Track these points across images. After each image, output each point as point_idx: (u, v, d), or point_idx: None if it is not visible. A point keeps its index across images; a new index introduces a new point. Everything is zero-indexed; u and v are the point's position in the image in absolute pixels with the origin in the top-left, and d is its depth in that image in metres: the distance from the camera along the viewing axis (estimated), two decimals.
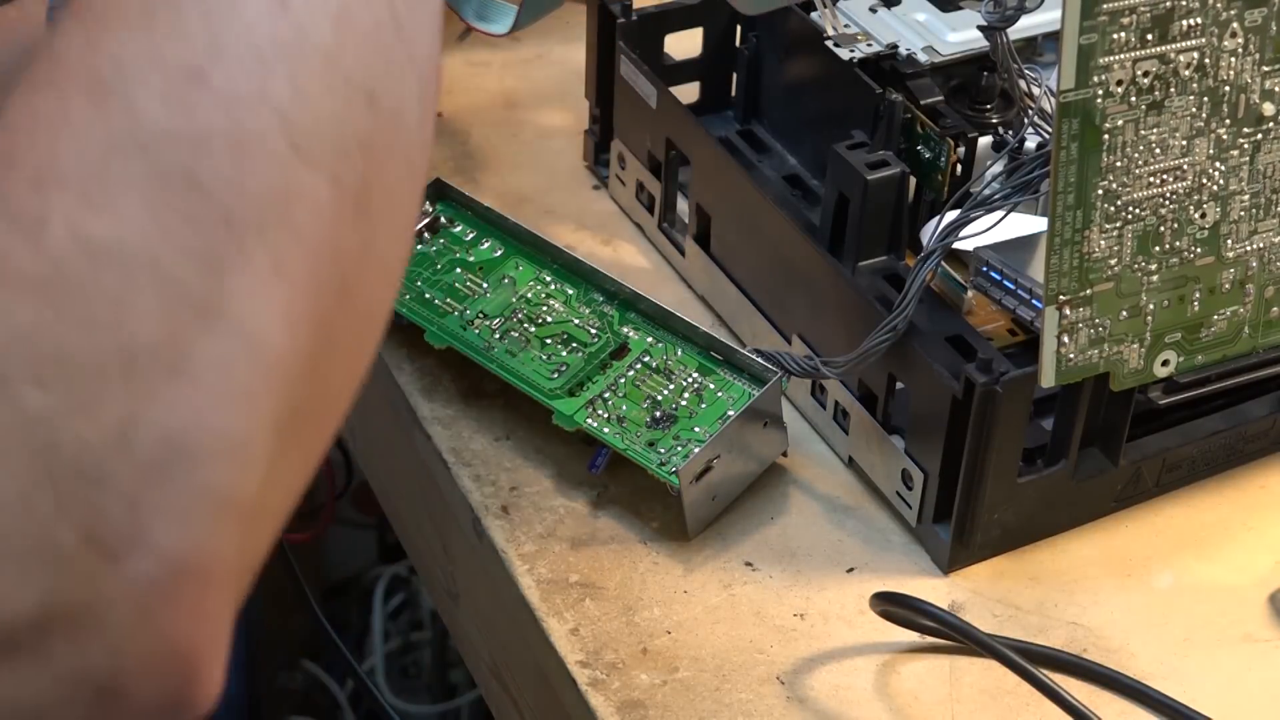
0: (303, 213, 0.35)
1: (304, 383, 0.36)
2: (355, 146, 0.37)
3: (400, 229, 0.40)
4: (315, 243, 0.36)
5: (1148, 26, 0.51)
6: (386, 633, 1.24)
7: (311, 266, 0.36)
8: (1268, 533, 0.60)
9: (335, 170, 0.36)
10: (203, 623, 0.34)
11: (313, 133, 0.36)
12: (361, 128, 0.37)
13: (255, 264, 0.34)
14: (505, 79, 0.80)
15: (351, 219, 0.37)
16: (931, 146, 0.63)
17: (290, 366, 0.35)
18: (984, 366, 0.54)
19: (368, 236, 0.38)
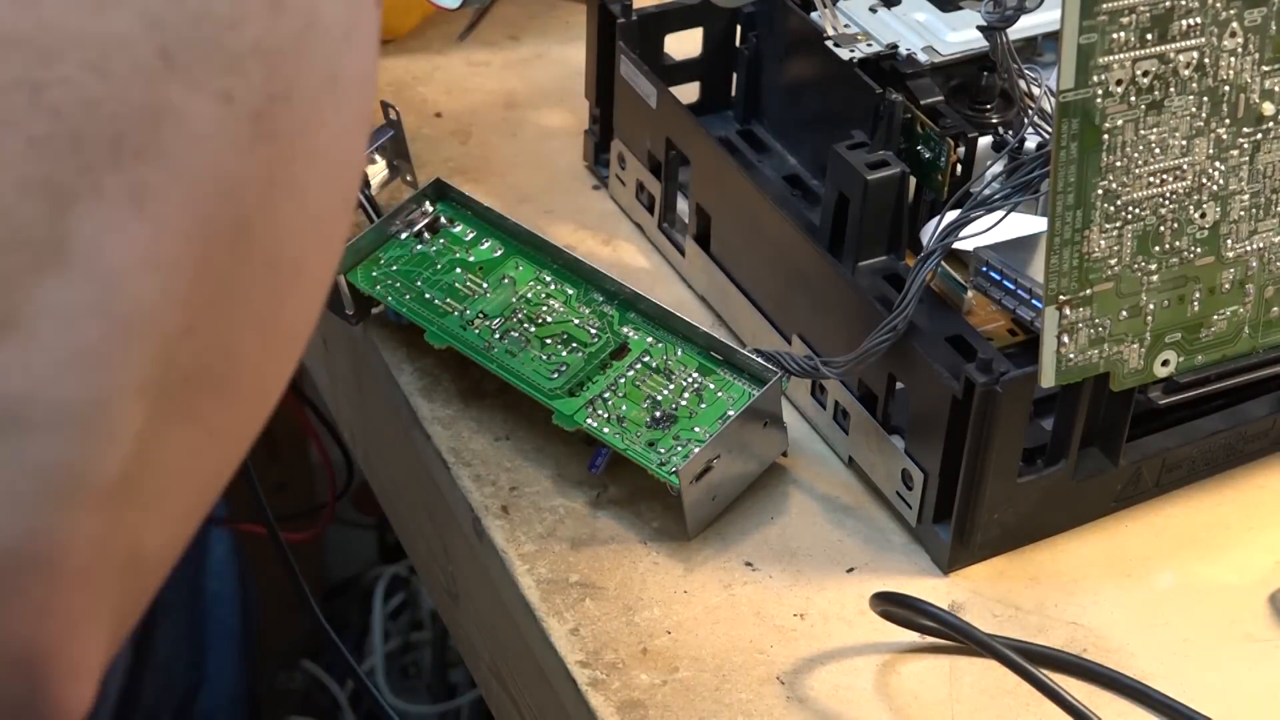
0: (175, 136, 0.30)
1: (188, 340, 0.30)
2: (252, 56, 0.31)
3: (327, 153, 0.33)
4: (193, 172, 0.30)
5: (1147, 26, 0.51)
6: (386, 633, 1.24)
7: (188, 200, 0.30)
8: (1268, 533, 0.60)
9: (222, 85, 0.30)
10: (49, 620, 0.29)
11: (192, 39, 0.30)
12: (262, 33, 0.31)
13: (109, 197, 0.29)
14: (505, 79, 0.80)
15: (249, 143, 0.31)
16: (931, 146, 0.63)
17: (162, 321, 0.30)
18: (984, 366, 0.54)
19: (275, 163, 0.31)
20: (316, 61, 0.32)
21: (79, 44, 0.29)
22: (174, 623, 0.95)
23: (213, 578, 0.99)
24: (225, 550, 0.99)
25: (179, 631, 0.96)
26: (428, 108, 0.78)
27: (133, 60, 0.29)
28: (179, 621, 0.96)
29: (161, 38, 0.29)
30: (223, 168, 0.30)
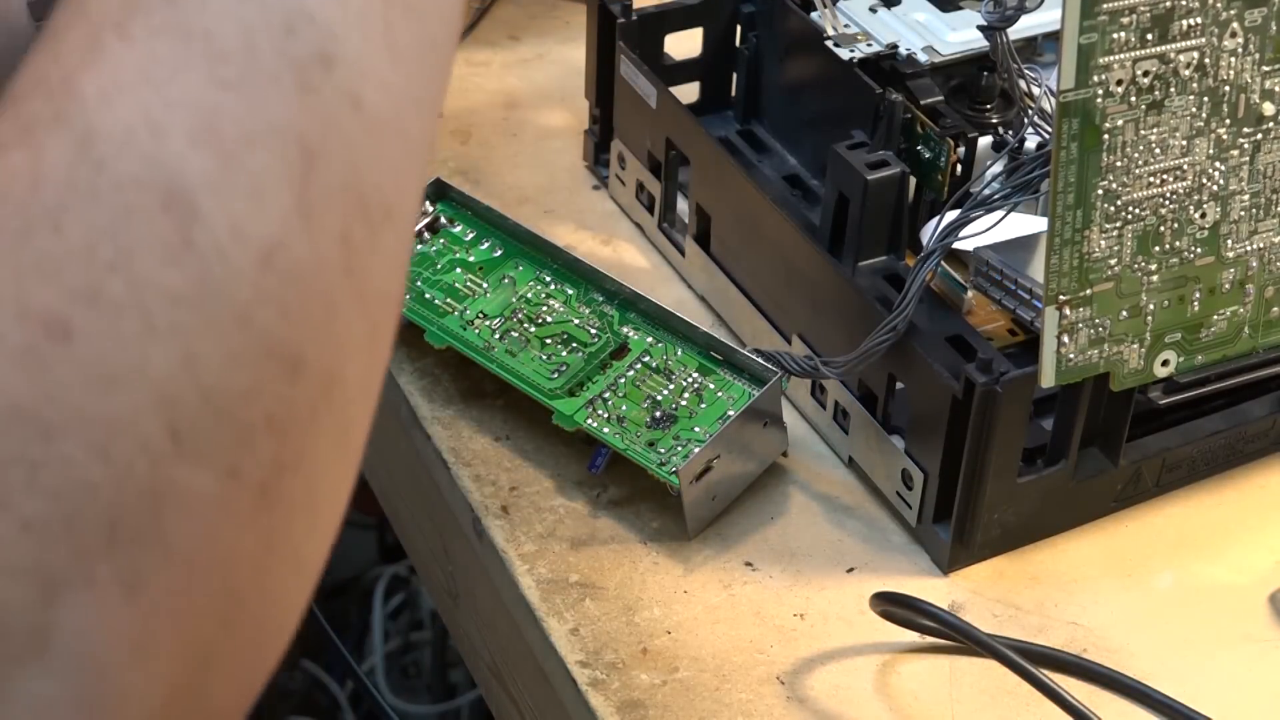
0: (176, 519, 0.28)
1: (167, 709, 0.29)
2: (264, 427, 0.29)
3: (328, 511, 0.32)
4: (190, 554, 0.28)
5: (1148, 26, 0.51)
6: (386, 633, 1.24)
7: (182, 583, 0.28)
8: (1268, 533, 0.60)
9: (231, 461, 0.29)
10: None
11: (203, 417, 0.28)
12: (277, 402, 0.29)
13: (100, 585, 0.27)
14: (505, 79, 0.80)
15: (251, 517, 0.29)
16: (931, 146, 0.63)
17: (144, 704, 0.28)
18: (984, 366, 0.54)
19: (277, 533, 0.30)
20: (330, 424, 0.31)
21: (84, 423, 0.27)
22: None
23: None
24: None
25: None
26: None
27: (138, 441, 0.28)
28: None
29: (171, 416, 0.28)
30: (221, 544, 0.29)
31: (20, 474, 0.27)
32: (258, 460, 0.29)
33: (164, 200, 0.28)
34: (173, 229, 0.28)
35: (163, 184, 0.28)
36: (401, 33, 0.32)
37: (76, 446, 0.27)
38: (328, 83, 0.30)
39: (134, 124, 0.28)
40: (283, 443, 0.29)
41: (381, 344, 0.32)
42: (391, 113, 0.31)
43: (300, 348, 0.30)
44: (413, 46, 0.32)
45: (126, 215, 0.28)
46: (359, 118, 0.30)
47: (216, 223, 0.28)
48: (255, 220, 0.29)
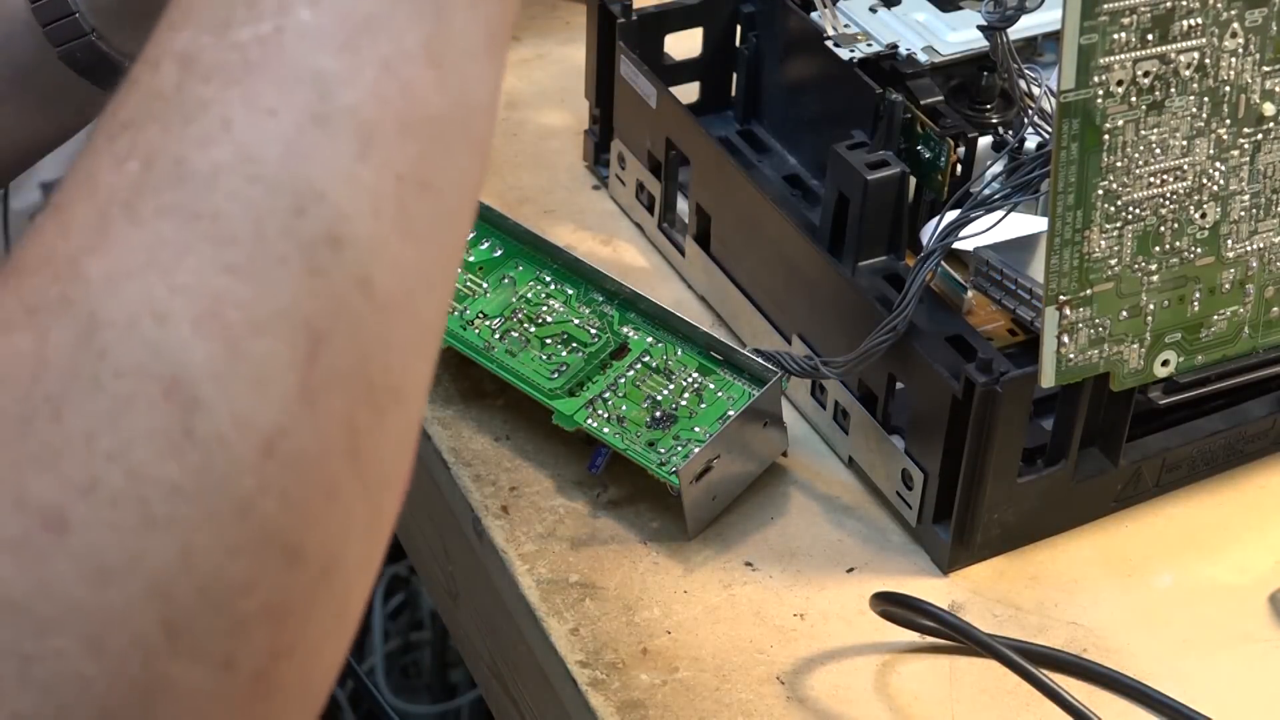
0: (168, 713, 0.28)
1: None
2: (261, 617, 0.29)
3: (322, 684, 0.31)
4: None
5: (1148, 27, 0.51)
6: (386, 633, 1.24)
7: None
8: (1268, 533, 0.60)
9: (226, 652, 0.28)
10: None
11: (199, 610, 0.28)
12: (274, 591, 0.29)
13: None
14: (505, 79, 0.80)
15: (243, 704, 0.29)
16: (931, 146, 0.63)
17: None
18: (984, 366, 0.54)
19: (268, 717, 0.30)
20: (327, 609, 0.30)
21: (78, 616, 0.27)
22: None
23: None
24: None
25: None
26: None
27: (132, 636, 0.27)
28: None
29: (165, 610, 0.28)
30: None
31: (12, 667, 0.27)
32: (253, 650, 0.29)
33: (166, 390, 0.28)
34: (174, 419, 0.28)
35: (165, 373, 0.28)
36: (415, 210, 0.31)
37: (70, 640, 0.27)
38: (337, 265, 0.29)
39: (138, 311, 0.28)
40: (279, 631, 0.29)
41: (383, 527, 0.32)
42: (402, 294, 0.31)
43: (300, 536, 0.29)
44: (426, 224, 0.31)
45: (128, 405, 0.28)
46: (368, 300, 0.30)
47: (219, 412, 0.28)
48: (258, 408, 0.28)
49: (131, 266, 0.28)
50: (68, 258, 0.29)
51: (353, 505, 0.30)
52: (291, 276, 0.29)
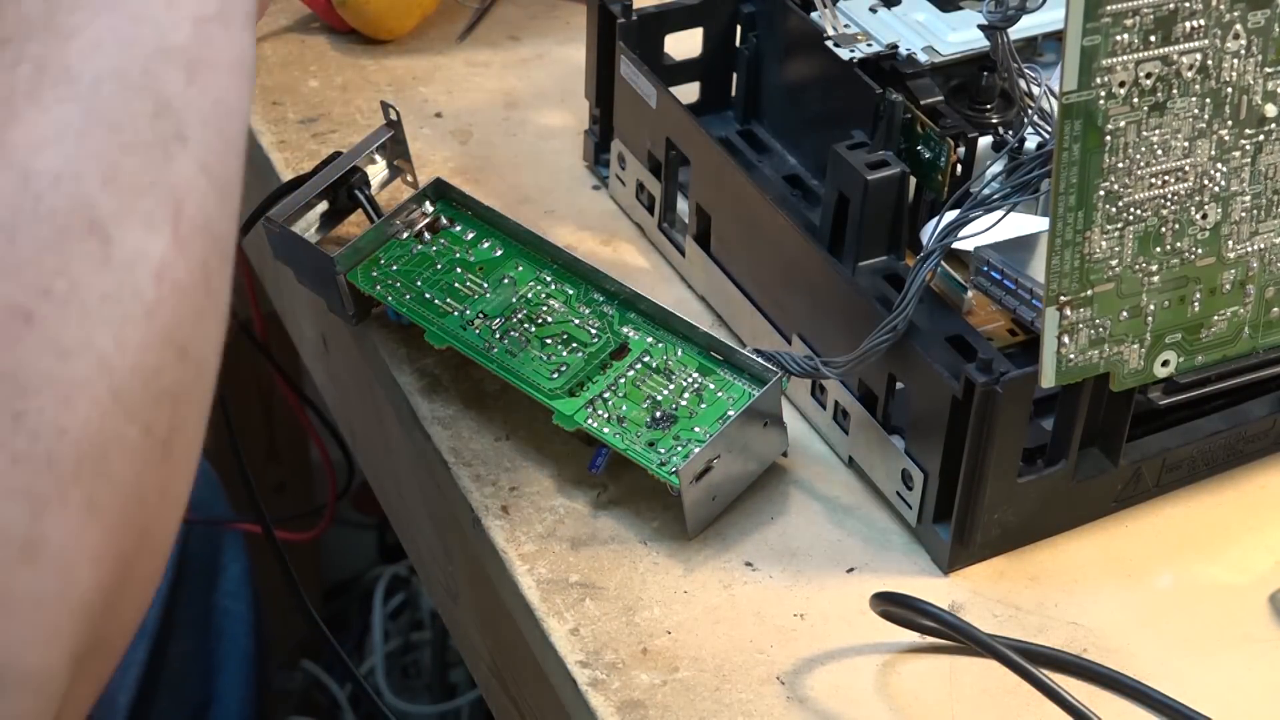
0: (117, 459, 0.37)
1: (102, 619, 0.37)
2: (166, 397, 0.38)
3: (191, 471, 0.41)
4: (126, 487, 0.37)
5: (1150, 28, 0.51)
6: (386, 633, 1.24)
7: (121, 510, 0.37)
8: (1268, 533, 0.60)
9: (148, 419, 0.38)
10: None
11: (131, 383, 0.37)
12: (172, 379, 0.39)
13: (72, 506, 0.36)
14: (505, 79, 0.80)
15: (157, 464, 0.38)
16: (931, 146, 0.63)
17: (93, 604, 0.37)
18: (984, 366, 0.54)
19: (168, 480, 0.39)
20: (201, 400, 0.40)
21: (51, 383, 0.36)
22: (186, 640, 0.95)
23: (225, 595, 0.99)
24: (240, 568, 1.00)
25: (191, 649, 0.96)
26: (428, 108, 0.78)
27: (91, 398, 0.36)
28: (191, 639, 0.96)
29: (110, 382, 0.37)
30: (142, 484, 0.38)
31: (7, 421, 0.35)
32: (162, 420, 0.38)
33: (88, 225, 0.37)
34: (97, 246, 0.37)
35: (86, 214, 0.37)
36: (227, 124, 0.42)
37: (48, 400, 0.36)
38: (183, 154, 0.40)
39: (59, 169, 0.37)
40: (175, 409, 0.39)
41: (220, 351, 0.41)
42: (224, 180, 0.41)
43: (185, 339, 0.39)
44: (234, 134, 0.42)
45: (63, 234, 0.37)
46: (207, 181, 0.40)
47: (126, 244, 0.38)
48: (149, 246, 0.38)
49: (48, 138, 0.38)
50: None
51: (211, 324, 0.40)
52: (158, 158, 0.39)
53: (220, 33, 0.42)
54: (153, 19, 0.40)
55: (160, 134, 0.39)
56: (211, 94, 0.41)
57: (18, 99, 0.38)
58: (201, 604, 0.98)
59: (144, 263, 0.38)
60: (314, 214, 0.66)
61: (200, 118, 0.41)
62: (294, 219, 0.65)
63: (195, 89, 0.41)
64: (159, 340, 0.38)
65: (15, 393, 0.35)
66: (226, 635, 0.99)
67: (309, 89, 0.78)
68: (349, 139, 0.73)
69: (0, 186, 0.37)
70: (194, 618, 0.97)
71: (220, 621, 0.99)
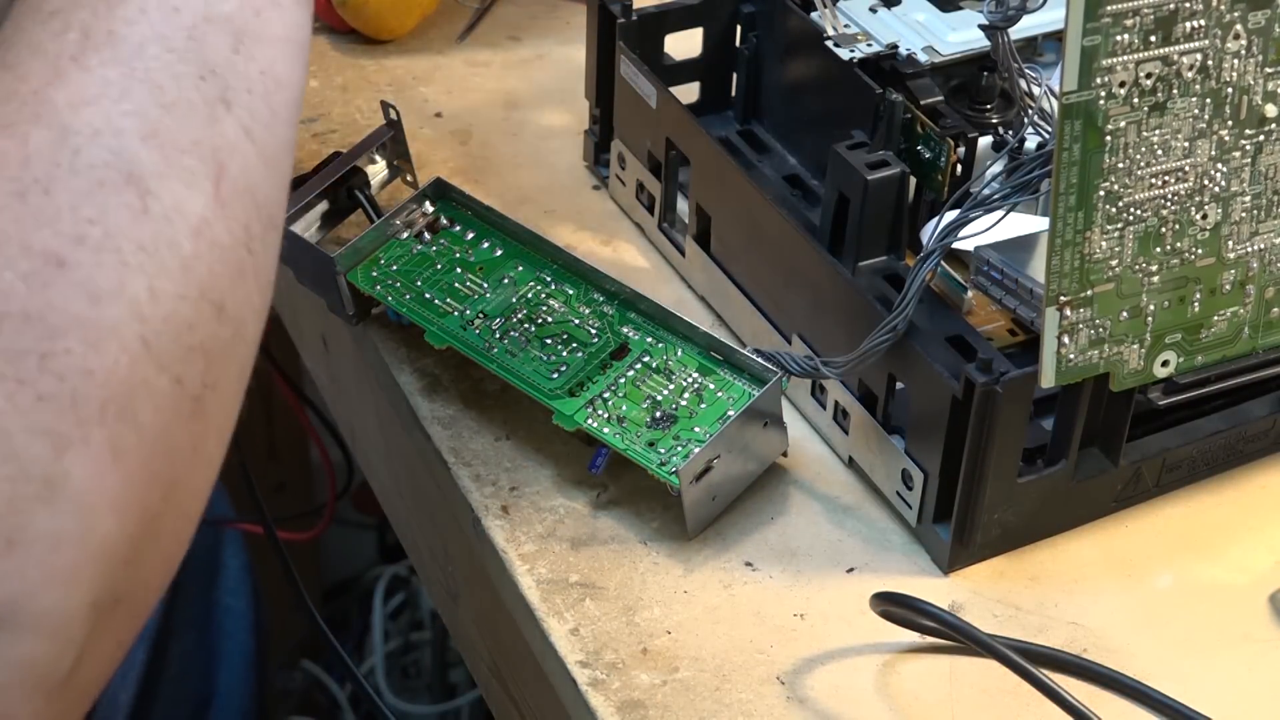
0: (145, 406, 0.37)
1: (124, 569, 0.37)
2: (200, 352, 0.39)
3: (226, 432, 0.41)
4: (152, 436, 0.37)
5: (1151, 28, 0.51)
6: (386, 633, 1.24)
7: (146, 459, 0.37)
8: (1268, 533, 0.60)
9: (179, 371, 0.38)
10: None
11: (163, 333, 0.37)
12: (207, 335, 0.39)
13: (95, 448, 0.36)
14: (505, 79, 0.80)
15: (187, 418, 0.38)
16: (931, 146, 0.63)
17: (115, 552, 0.36)
18: (984, 366, 0.54)
19: (199, 437, 0.39)
20: (238, 361, 0.41)
21: (80, 325, 0.36)
22: (187, 638, 0.96)
23: (226, 593, 1.00)
24: (239, 565, 1.00)
25: (192, 646, 0.96)
26: (428, 108, 0.78)
27: (120, 343, 0.37)
28: (192, 636, 0.96)
29: (141, 329, 0.37)
30: (170, 435, 0.38)
31: (34, 361, 0.35)
32: (194, 375, 0.38)
33: (126, 178, 0.38)
34: (134, 198, 0.38)
35: (124, 168, 0.38)
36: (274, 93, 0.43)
37: (76, 342, 0.36)
38: (228, 118, 0.41)
39: (99, 125, 0.38)
40: (209, 366, 0.39)
41: (262, 316, 0.42)
42: (272, 149, 0.42)
43: (222, 297, 0.39)
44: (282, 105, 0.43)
45: (100, 186, 0.37)
46: (252, 147, 0.41)
47: (165, 199, 0.38)
48: (189, 202, 0.39)
49: (89, 96, 0.38)
50: (32, 91, 0.38)
51: (251, 287, 0.41)
52: (202, 119, 0.40)
53: (269, 7, 0.43)
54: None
55: (205, 96, 0.40)
56: (258, 63, 0.42)
57: (63, 61, 0.39)
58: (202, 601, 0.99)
59: (182, 217, 0.38)
60: (314, 214, 0.66)
61: (245, 85, 0.41)
62: (294, 219, 0.65)
63: (241, 57, 0.42)
64: (194, 294, 0.38)
65: (44, 334, 0.35)
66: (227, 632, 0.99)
67: (309, 89, 0.78)
68: (349, 139, 0.73)
69: (39, 143, 0.37)
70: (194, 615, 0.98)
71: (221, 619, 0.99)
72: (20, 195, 0.37)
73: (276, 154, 0.43)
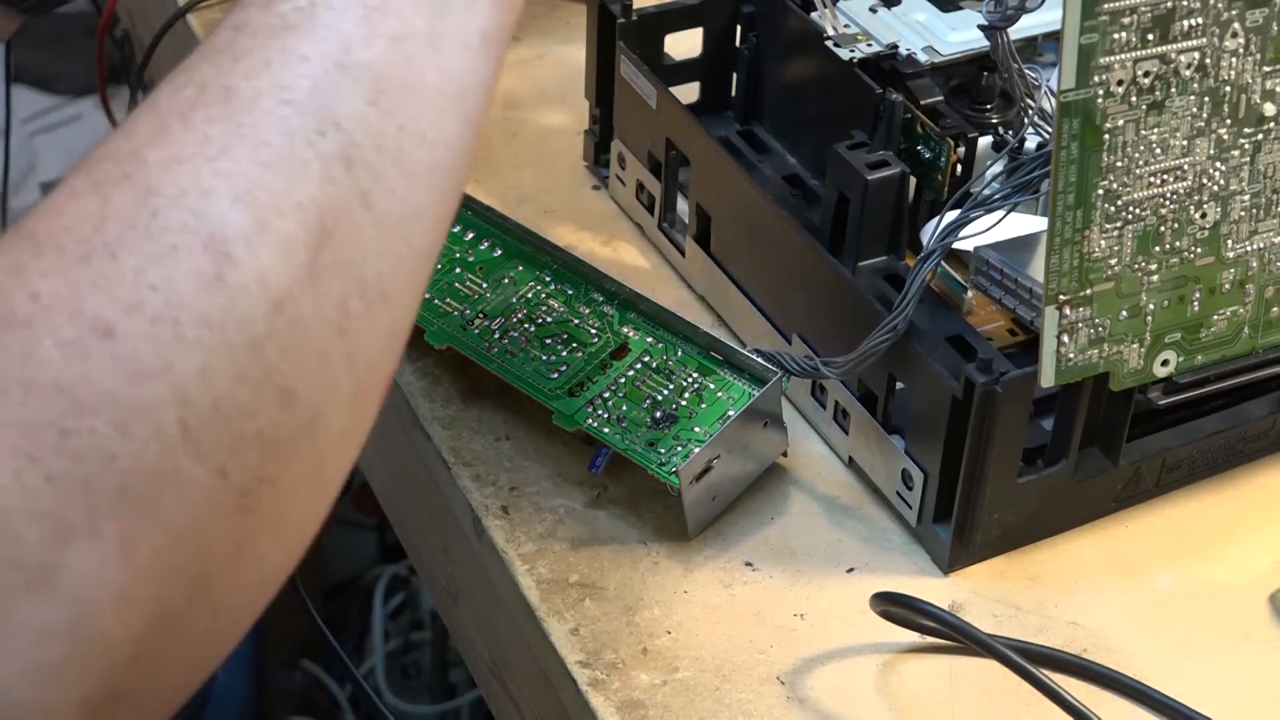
0: (172, 498, 0.34)
1: (128, 667, 0.34)
2: (255, 442, 0.35)
3: (295, 534, 0.38)
4: (178, 531, 0.34)
5: (1148, 26, 0.51)
6: (386, 633, 1.24)
7: (165, 553, 0.34)
8: (1268, 533, 0.60)
9: (224, 462, 0.34)
10: None
11: (210, 419, 0.34)
12: (268, 424, 0.35)
13: (103, 539, 0.33)
14: (505, 79, 0.80)
15: (230, 513, 0.35)
16: (931, 146, 0.63)
17: (115, 649, 0.34)
18: (984, 366, 0.54)
19: (246, 533, 0.36)
20: (308, 456, 0.37)
21: (112, 404, 0.33)
22: None
23: None
24: None
25: None
26: None
27: (154, 427, 0.33)
28: None
29: (183, 413, 0.34)
30: (202, 530, 0.34)
31: (52, 436, 0.32)
32: (244, 467, 0.35)
33: (204, 243, 0.35)
34: (208, 265, 0.35)
35: (205, 231, 0.35)
36: (411, 154, 0.39)
37: (103, 422, 0.33)
38: (345, 179, 0.37)
39: (187, 187, 0.35)
40: (266, 459, 0.35)
41: (366, 406, 0.38)
42: (396, 215, 0.38)
43: (294, 383, 0.36)
44: (421, 168, 0.39)
45: (172, 251, 0.34)
46: (368, 212, 0.37)
47: (244, 267, 0.35)
48: (274, 272, 0.35)
49: (183, 155, 0.36)
50: (130, 150, 0.36)
51: (339, 374, 0.37)
52: (311, 180, 0.36)
53: (425, 53, 0.39)
54: (339, 35, 0.38)
55: (321, 153, 0.37)
56: (398, 117, 0.38)
57: (170, 118, 0.36)
58: None
59: (263, 289, 0.35)
60: None
61: (376, 141, 0.38)
62: None
63: (378, 110, 0.38)
64: (257, 377, 0.35)
65: (70, 409, 0.33)
66: None
67: None
68: None
69: (119, 203, 0.35)
70: None
71: None
72: (85, 259, 0.34)
73: (401, 221, 0.38)
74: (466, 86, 0.40)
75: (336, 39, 0.38)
